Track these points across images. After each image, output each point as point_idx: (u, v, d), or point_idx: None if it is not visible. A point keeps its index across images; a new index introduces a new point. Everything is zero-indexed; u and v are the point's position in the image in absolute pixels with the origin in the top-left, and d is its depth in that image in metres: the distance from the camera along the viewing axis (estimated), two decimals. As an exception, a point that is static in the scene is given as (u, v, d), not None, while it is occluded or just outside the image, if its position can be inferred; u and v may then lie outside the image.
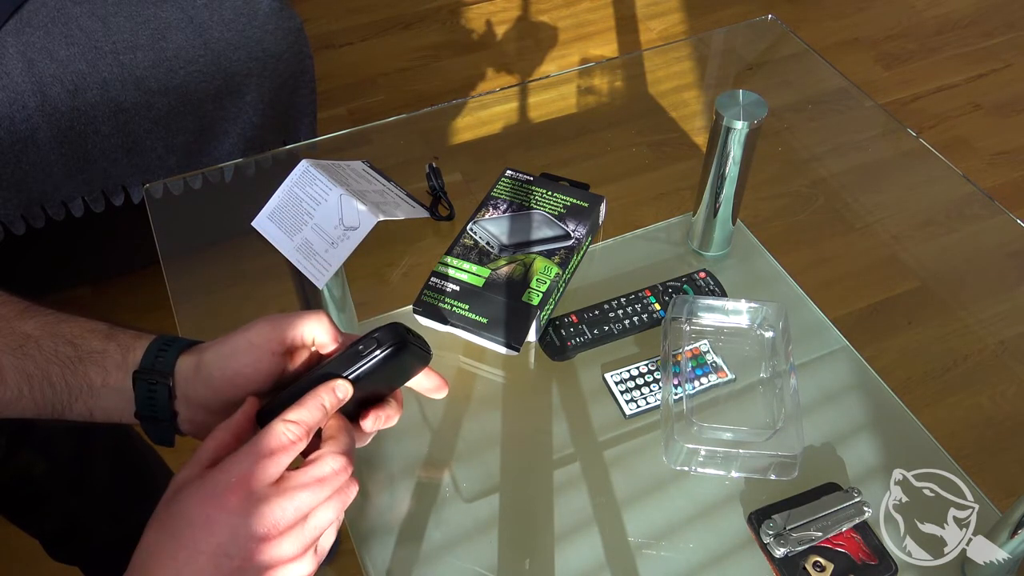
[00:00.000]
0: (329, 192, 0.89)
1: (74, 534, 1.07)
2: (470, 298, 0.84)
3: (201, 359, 0.59)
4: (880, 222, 1.13)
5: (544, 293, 0.83)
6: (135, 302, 1.54)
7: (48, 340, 0.61)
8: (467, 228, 0.90)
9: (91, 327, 0.62)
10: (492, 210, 0.92)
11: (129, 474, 1.08)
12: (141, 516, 0.53)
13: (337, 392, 0.55)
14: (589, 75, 1.45)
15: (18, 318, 0.62)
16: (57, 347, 0.61)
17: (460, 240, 0.89)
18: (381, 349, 0.54)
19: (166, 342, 0.60)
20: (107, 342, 0.61)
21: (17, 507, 1.00)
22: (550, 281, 0.84)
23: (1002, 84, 2.14)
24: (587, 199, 0.92)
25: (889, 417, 0.83)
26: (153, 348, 0.60)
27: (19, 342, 0.61)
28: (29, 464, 0.94)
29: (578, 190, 0.94)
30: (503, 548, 0.74)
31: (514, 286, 0.84)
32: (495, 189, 0.95)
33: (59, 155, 1.30)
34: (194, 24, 1.35)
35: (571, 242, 0.88)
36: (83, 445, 1.00)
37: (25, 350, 0.61)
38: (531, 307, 0.83)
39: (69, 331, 0.61)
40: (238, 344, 0.58)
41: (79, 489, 1.02)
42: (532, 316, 0.82)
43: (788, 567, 0.70)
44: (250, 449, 0.51)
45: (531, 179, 0.96)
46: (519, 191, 0.94)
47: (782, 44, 1.35)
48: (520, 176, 0.96)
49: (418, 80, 2.14)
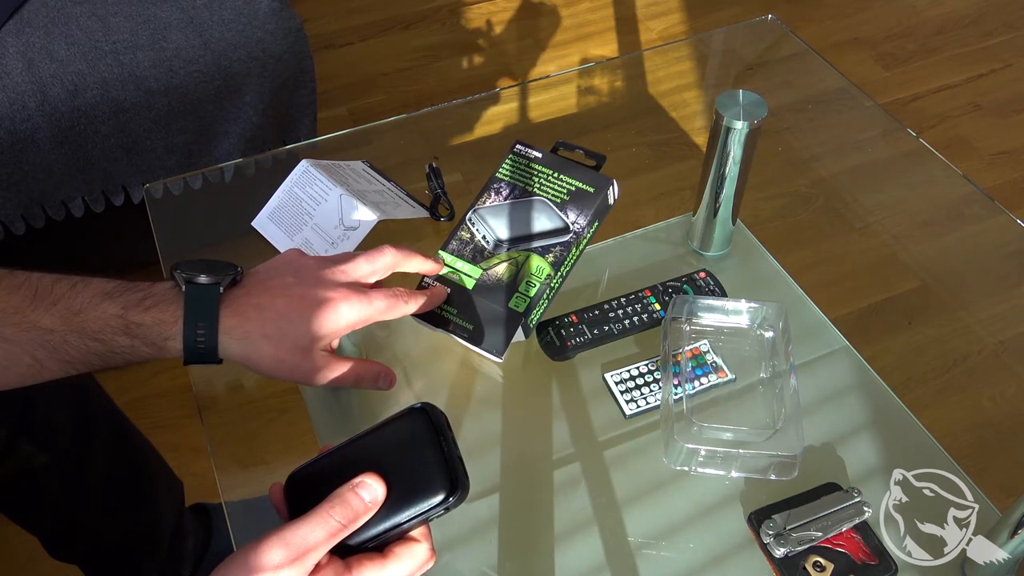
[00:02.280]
0: (329, 192, 0.89)
1: (74, 532, 1.07)
2: (459, 303, 0.83)
3: (253, 361, 0.65)
4: (880, 222, 1.13)
5: (532, 298, 0.82)
6: (135, 302, 1.54)
7: (73, 336, 0.62)
8: (465, 218, 0.89)
9: (106, 320, 0.63)
10: (494, 195, 0.89)
11: (128, 471, 1.08)
12: (140, 514, 0.54)
13: (378, 490, 0.55)
14: (589, 75, 1.45)
15: (31, 309, 0.63)
16: (85, 343, 0.62)
17: (457, 233, 0.87)
18: (444, 505, 0.55)
19: (194, 342, 0.63)
20: (131, 339, 0.62)
21: (17, 503, 1.00)
22: (540, 283, 0.83)
23: (1002, 84, 2.14)
24: (594, 183, 0.89)
25: (889, 417, 0.83)
26: (191, 352, 0.63)
27: (45, 337, 0.61)
28: (29, 457, 0.94)
29: (587, 171, 0.90)
30: (503, 548, 0.74)
31: (503, 291, 0.83)
32: (500, 170, 0.91)
33: (59, 155, 1.30)
34: (194, 24, 1.35)
35: (569, 236, 0.86)
36: (83, 439, 1.00)
37: (54, 344, 0.61)
38: (517, 314, 0.82)
39: (89, 327, 0.62)
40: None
41: (78, 484, 1.02)
42: (516, 323, 0.82)
43: (788, 567, 0.70)
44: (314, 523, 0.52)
45: (540, 156, 0.91)
46: (525, 172, 0.91)
47: (782, 44, 1.35)
48: (530, 153, 0.92)
49: (418, 80, 2.14)
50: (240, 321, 0.64)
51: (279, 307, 0.65)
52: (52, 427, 0.96)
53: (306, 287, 0.67)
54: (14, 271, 0.65)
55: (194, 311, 0.63)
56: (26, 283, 0.64)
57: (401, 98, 2.08)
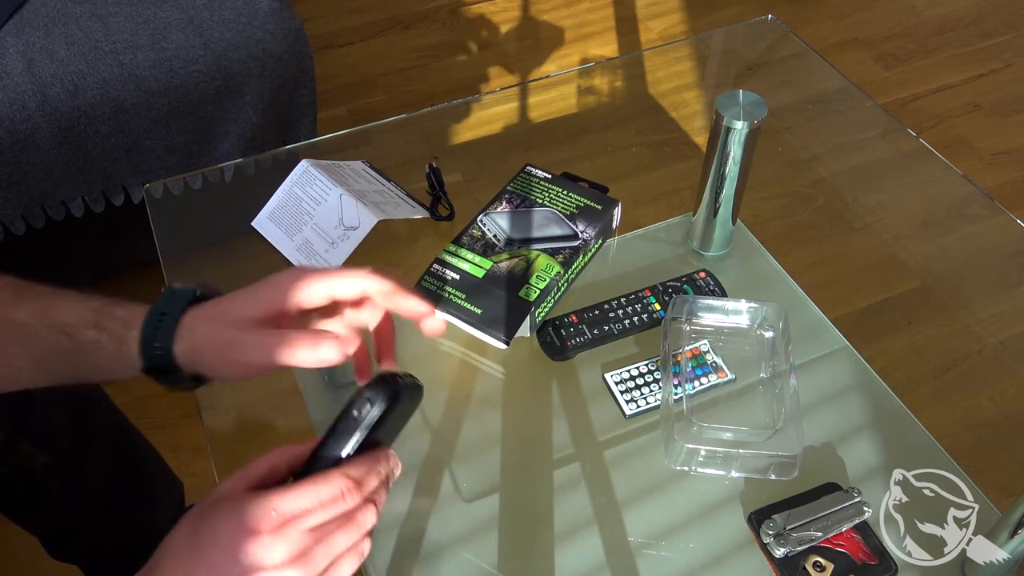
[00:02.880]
0: (329, 192, 0.89)
1: (74, 532, 1.07)
2: (468, 288, 0.84)
3: (199, 353, 0.59)
4: (880, 222, 1.13)
5: (542, 290, 0.83)
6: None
7: (45, 330, 0.61)
8: (477, 219, 0.90)
9: (80, 313, 0.62)
10: (505, 204, 0.93)
11: (128, 471, 1.09)
12: (140, 514, 0.54)
13: (396, 470, 0.55)
14: (589, 75, 1.45)
15: (10, 305, 0.62)
16: (56, 338, 0.61)
17: (468, 230, 0.89)
18: (375, 406, 0.54)
19: (155, 326, 0.60)
20: (98, 332, 0.61)
21: (17, 503, 1.00)
22: (550, 279, 0.84)
23: (1002, 84, 2.14)
24: (601, 202, 0.93)
25: (889, 417, 0.83)
26: (146, 344, 0.60)
27: (18, 331, 0.61)
28: (29, 457, 0.94)
29: (594, 192, 0.94)
30: (503, 548, 0.74)
31: (513, 280, 0.84)
32: (512, 184, 0.95)
33: (59, 155, 1.30)
34: (194, 24, 1.35)
35: (577, 243, 0.88)
36: (83, 439, 1.00)
37: (25, 339, 0.61)
38: (526, 302, 0.83)
39: (62, 320, 0.62)
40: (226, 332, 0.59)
41: (78, 484, 1.02)
42: (526, 311, 0.82)
43: (788, 567, 0.70)
44: (301, 491, 0.51)
45: (549, 177, 0.96)
46: (535, 188, 0.94)
47: (782, 44, 1.35)
48: (539, 173, 0.96)
49: (418, 80, 2.14)
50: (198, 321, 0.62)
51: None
52: (52, 428, 0.96)
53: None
54: (2, 273, 0.65)
55: (161, 305, 0.62)
56: (12, 284, 0.64)
57: (401, 98, 2.08)
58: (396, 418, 0.57)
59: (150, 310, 0.61)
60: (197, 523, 0.51)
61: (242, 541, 0.49)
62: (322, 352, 0.58)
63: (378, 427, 0.54)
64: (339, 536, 0.51)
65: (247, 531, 0.49)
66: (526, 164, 0.97)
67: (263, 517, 0.49)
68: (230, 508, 0.50)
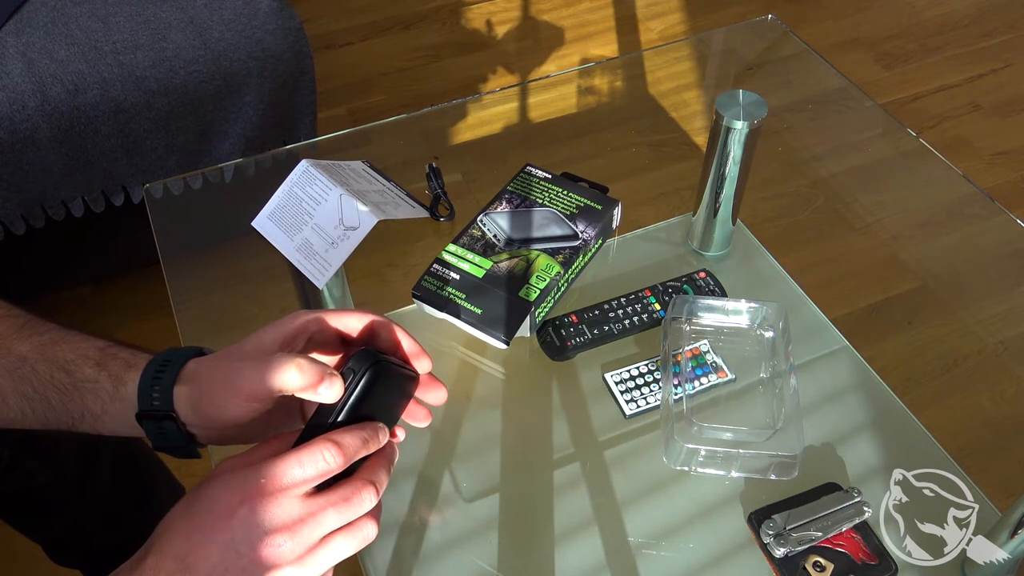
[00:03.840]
0: (329, 192, 0.89)
1: (76, 540, 1.07)
2: (468, 288, 0.84)
3: (200, 389, 0.58)
4: (880, 222, 1.13)
5: (542, 290, 0.83)
6: (135, 302, 1.54)
7: (43, 365, 0.60)
8: (477, 219, 0.91)
9: (84, 351, 0.61)
10: (505, 204, 0.93)
11: (133, 481, 1.08)
12: (143, 521, 0.54)
13: (379, 433, 0.55)
14: (589, 75, 1.45)
15: (14, 337, 0.62)
16: (52, 373, 0.60)
17: (468, 230, 0.90)
18: (359, 375, 0.54)
19: (157, 371, 0.59)
20: (99, 371, 0.60)
21: (20, 515, 1.00)
22: (550, 279, 0.84)
23: (1002, 84, 2.14)
24: (601, 202, 0.93)
25: (889, 417, 0.83)
26: (146, 384, 0.58)
27: (15, 364, 0.60)
28: (32, 474, 0.94)
29: (594, 192, 0.94)
30: (503, 548, 0.74)
31: (513, 280, 0.84)
32: (512, 184, 0.95)
33: (59, 155, 1.30)
34: (194, 24, 1.35)
35: (577, 243, 0.88)
36: (89, 456, 1.00)
37: (21, 373, 0.60)
38: (526, 302, 0.83)
39: (63, 356, 0.61)
40: (232, 365, 0.57)
41: (82, 497, 1.02)
42: (526, 311, 0.82)
43: (788, 567, 0.70)
44: (288, 457, 0.51)
45: (549, 177, 0.96)
46: (535, 188, 0.94)
47: (782, 44, 1.35)
48: (539, 173, 0.96)
49: (418, 80, 2.14)
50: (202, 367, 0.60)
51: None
52: (57, 444, 0.96)
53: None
54: (15, 306, 0.65)
55: (165, 353, 0.61)
56: (19, 316, 0.64)
57: (401, 98, 2.08)
58: (384, 396, 0.57)
59: (155, 356, 0.61)
60: (193, 497, 0.52)
61: (235, 507, 0.49)
62: (323, 388, 0.54)
63: (364, 401, 0.55)
64: (331, 512, 0.51)
65: (239, 498, 0.50)
66: (526, 164, 0.97)
67: (253, 484, 0.50)
68: (226, 477, 0.51)
